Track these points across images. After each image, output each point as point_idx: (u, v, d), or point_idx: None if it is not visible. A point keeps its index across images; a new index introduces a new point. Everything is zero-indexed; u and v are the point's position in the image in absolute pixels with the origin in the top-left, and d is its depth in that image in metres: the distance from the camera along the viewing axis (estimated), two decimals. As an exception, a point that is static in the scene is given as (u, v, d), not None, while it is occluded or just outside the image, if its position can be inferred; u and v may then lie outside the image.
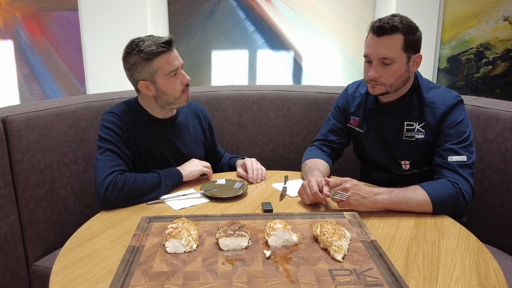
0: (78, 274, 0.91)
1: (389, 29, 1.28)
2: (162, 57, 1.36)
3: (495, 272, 0.92)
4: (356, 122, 1.55)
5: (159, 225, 1.12)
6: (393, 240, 1.06)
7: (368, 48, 1.35)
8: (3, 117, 1.39)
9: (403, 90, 1.41)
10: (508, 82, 2.58)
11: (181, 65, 1.42)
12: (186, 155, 1.56)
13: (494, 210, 1.58)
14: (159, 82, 1.39)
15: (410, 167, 1.46)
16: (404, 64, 1.32)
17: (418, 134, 1.40)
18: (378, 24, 1.30)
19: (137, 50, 1.35)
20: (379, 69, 1.33)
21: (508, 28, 2.50)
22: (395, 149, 1.45)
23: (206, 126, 1.69)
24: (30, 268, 1.49)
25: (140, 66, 1.37)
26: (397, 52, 1.30)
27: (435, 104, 1.37)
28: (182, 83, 1.42)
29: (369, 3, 2.70)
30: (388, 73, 1.32)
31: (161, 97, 1.42)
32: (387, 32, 1.29)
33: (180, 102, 1.45)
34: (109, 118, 1.42)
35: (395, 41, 1.29)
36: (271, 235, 1.00)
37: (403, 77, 1.35)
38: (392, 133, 1.45)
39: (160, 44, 1.34)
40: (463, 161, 1.30)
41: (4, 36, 2.75)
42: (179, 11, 2.82)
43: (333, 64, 2.85)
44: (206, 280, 0.86)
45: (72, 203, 1.62)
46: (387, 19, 1.30)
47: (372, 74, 1.34)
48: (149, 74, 1.38)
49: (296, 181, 1.50)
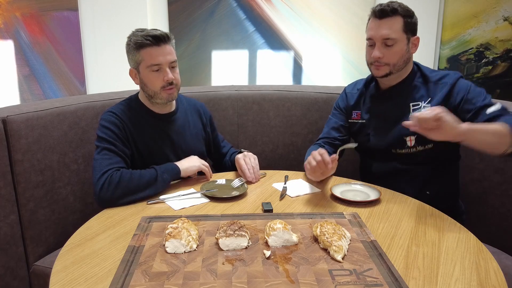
0: (78, 274, 0.91)
1: (390, 11, 1.39)
2: (147, 50, 1.39)
3: (495, 272, 0.92)
4: (359, 115, 1.60)
5: (159, 225, 1.12)
6: (393, 240, 1.06)
7: (370, 31, 1.44)
8: (3, 117, 1.39)
9: (404, 73, 1.48)
10: (508, 82, 2.58)
11: (167, 62, 1.41)
12: (186, 150, 1.56)
13: (494, 210, 1.59)
14: (142, 73, 1.44)
15: (415, 142, 1.46)
16: (405, 44, 1.42)
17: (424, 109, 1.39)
18: (379, 8, 1.40)
19: (131, 37, 1.42)
20: (382, 50, 1.42)
21: (508, 28, 2.50)
22: (400, 127, 1.44)
23: (206, 121, 1.70)
24: (30, 268, 1.49)
25: (131, 53, 1.43)
26: (398, 33, 1.40)
27: (442, 80, 1.45)
28: (164, 80, 1.41)
29: (369, 3, 2.70)
30: (391, 53, 1.41)
31: (144, 88, 1.47)
32: (388, 14, 1.39)
33: (160, 98, 1.45)
34: (107, 117, 1.44)
35: (395, 23, 1.40)
36: (271, 235, 1.00)
37: (405, 57, 1.44)
38: (396, 116, 1.47)
39: (146, 37, 1.37)
40: (498, 108, 1.33)
41: (4, 36, 2.75)
42: (179, 11, 2.82)
43: (333, 64, 2.85)
44: (206, 280, 0.86)
45: (72, 203, 1.62)
46: (387, 3, 1.41)
47: (376, 54, 1.42)
48: (135, 63, 1.44)
49: (296, 181, 1.50)
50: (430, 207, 1.28)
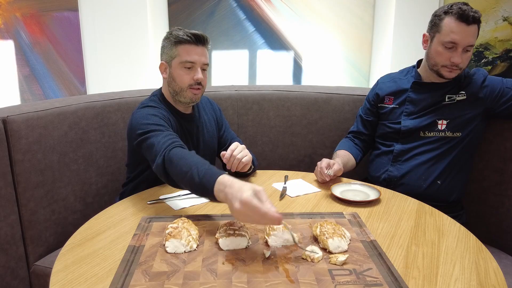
0: (78, 274, 0.91)
1: (478, 19, 1.43)
2: (185, 46, 1.43)
3: (494, 272, 0.92)
4: (391, 100, 1.65)
5: (159, 225, 1.12)
6: (393, 240, 1.06)
7: (456, 35, 1.43)
8: (3, 117, 1.40)
9: None
10: (508, 82, 2.58)
11: (201, 63, 1.46)
12: (204, 149, 1.60)
13: (494, 210, 1.59)
14: (173, 68, 1.46)
15: (446, 127, 1.52)
16: (473, 49, 1.48)
17: (459, 97, 1.52)
18: (468, 13, 1.41)
19: (172, 32, 1.45)
20: (462, 56, 1.46)
21: (508, 28, 2.50)
22: (433, 112, 1.54)
23: (219, 118, 1.73)
24: (31, 268, 1.49)
25: (167, 48, 1.46)
26: (475, 40, 1.46)
27: (474, 76, 1.53)
28: (193, 78, 1.45)
29: (369, 4, 2.71)
30: (466, 58, 1.47)
31: (171, 83, 1.48)
32: (475, 21, 1.42)
33: (184, 96, 1.47)
34: (145, 110, 1.40)
35: (476, 30, 1.44)
36: (271, 235, 1.00)
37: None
38: (431, 104, 1.55)
39: (188, 34, 1.42)
40: None
41: (5, 36, 2.76)
42: (179, 11, 2.82)
43: (333, 64, 2.85)
44: (206, 280, 0.86)
45: (73, 203, 1.62)
46: (469, 9, 1.42)
47: (457, 60, 1.45)
48: (169, 57, 1.46)
49: (296, 181, 1.50)
50: (430, 207, 1.28)
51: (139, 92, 1.91)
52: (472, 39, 1.44)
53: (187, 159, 1.15)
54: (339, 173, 1.48)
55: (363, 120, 1.75)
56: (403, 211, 1.25)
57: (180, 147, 1.24)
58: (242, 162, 1.38)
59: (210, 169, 1.08)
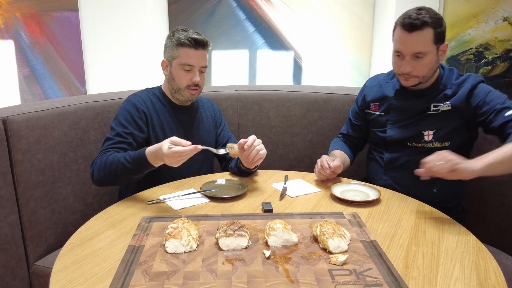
0: (78, 274, 0.91)
1: (420, 24, 1.33)
2: (185, 49, 1.48)
3: (494, 272, 0.92)
4: (377, 106, 1.61)
5: (159, 225, 1.12)
6: (393, 240, 1.06)
7: (400, 45, 1.39)
8: (3, 117, 1.40)
9: (432, 79, 1.47)
10: (508, 82, 2.58)
11: (199, 66, 1.52)
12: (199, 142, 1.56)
13: (494, 210, 1.59)
14: (173, 67, 1.52)
15: (433, 138, 1.47)
16: (434, 55, 1.39)
17: (443, 107, 1.45)
18: (408, 21, 1.34)
19: (174, 33, 1.51)
20: (412, 63, 1.39)
21: (508, 29, 2.50)
22: (419, 123, 1.49)
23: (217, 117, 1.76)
24: (31, 268, 1.49)
25: (169, 47, 1.52)
26: (429, 46, 1.36)
27: (463, 83, 1.44)
28: (191, 80, 1.51)
29: (368, 4, 2.71)
30: (421, 66, 1.39)
31: (170, 81, 1.56)
32: (418, 28, 1.34)
33: (182, 95, 1.55)
34: (130, 99, 1.54)
35: (426, 36, 1.35)
36: (271, 235, 1.00)
37: (434, 67, 1.43)
38: (417, 113, 1.49)
39: (188, 38, 1.47)
40: None
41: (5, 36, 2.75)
42: (179, 11, 2.82)
43: (333, 65, 2.85)
44: (206, 280, 0.86)
45: (73, 203, 1.62)
46: (416, 15, 1.34)
47: (406, 69, 1.40)
48: (170, 56, 1.52)
49: (296, 181, 1.50)
50: (429, 207, 1.28)
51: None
52: (416, 46, 1.35)
53: (107, 163, 1.35)
54: (338, 170, 1.47)
55: (352, 124, 1.73)
56: (403, 211, 1.25)
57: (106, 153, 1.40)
58: (260, 154, 1.42)
59: (132, 153, 1.33)
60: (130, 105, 1.52)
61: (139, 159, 1.30)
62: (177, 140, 1.22)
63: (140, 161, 1.30)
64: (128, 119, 1.49)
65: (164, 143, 1.22)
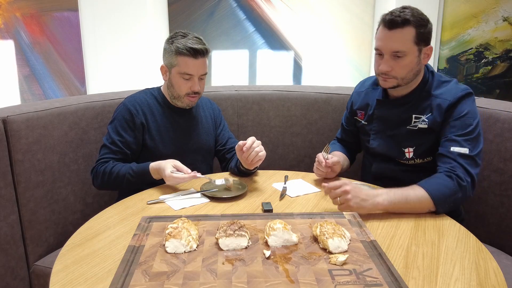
0: (78, 274, 0.91)
1: (401, 22, 1.29)
2: (184, 58, 1.47)
3: (494, 272, 0.92)
4: (362, 115, 1.58)
5: (159, 225, 1.12)
6: (393, 240, 1.06)
7: (379, 42, 1.35)
8: (3, 117, 1.40)
9: (414, 84, 1.41)
10: (508, 82, 2.58)
11: (199, 75, 1.50)
12: (197, 143, 1.64)
13: (494, 210, 1.59)
14: (173, 75, 1.52)
15: (413, 155, 1.44)
16: (415, 57, 1.33)
17: (421, 124, 1.39)
18: (389, 17, 1.30)
19: (173, 40, 1.49)
20: (390, 63, 1.34)
21: (508, 29, 2.50)
22: (399, 137, 1.45)
23: (216, 117, 1.75)
24: (31, 268, 1.49)
25: (168, 53, 1.51)
26: (409, 45, 1.31)
27: (443, 95, 1.37)
28: (190, 89, 1.51)
29: (368, 4, 2.71)
30: (400, 66, 1.33)
31: (170, 87, 1.55)
32: (399, 25, 1.29)
33: (181, 102, 1.56)
34: (125, 103, 1.54)
35: (406, 34, 1.30)
36: (271, 235, 1.00)
37: (415, 69, 1.35)
38: (398, 124, 1.45)
39: (187, 48, 1.45)
40: (465, 153, 1.28)
41: (5, 36, 2.75)
42: (179, 11, 2.82)
43: (333, 64, 2.85)
44: (206, 280, 0.86)
45: (73, 203, 1.62)
46: (399, 12, 1.30)
47: (383, 68, 1.35)
48: (169, 63, 1.51)
49: (296, 181, 1.50)
50: (429, 207, 1.28)
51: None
52: (396, 44, 1.30)
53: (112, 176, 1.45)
54: (337, 168, 1.47)
55: (345, 129, 1.72)
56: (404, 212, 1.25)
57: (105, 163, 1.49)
58: (259, 156, 1.42)
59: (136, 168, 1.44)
60: (125, 111, 1.52)
61: (142, 175, 1.43)
62: (179, 166, 1.37)
63: (143, 176, 1.43)
64: (123, 126, 1.51)
65: (167, 165, 1.37)
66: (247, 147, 1.40)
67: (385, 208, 1.20)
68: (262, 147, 1.45)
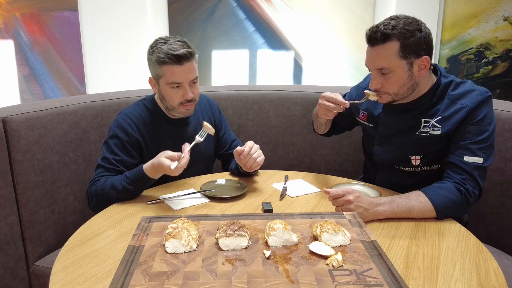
0: (78, 274, 0.91)
1: (381, 38, 1.21)
2: (168, 67, 1.36)
3: (495, 272, 0.92)
4: (365, 116, 1.49)
5: (159, 225, 1.12)
6: (393, 240, 1.06)
7: (366, 59, 1.29)
8: (3, 117, 1.39)
9: (420, 92, 1.32)
10: (508, 82, 2.58)
11: (188, 80, 1.39)
12: (197, 153, 1.55)
13: (494, 210, 1.59)
14: (161, 87, 1.43)
15: (420, 163, 1.37)
16: (405, 71, 1.24)
17: (433, 130, 1.30)
18: (369, 33, 1.23)
19: (154, 49, 1.39)
20: (379, 79, 1.27)
21: (508, 28, 2.50)
22: (406, 145, 1.37)
23: (216, 120, 1.68)
24: (30, 268, 1.49)
25: (152, 65, 1.42)
26: (394, 61, 1.22)
27: (461, 101, 1.27)
28: (183, 97, 1.41)
29: (369, 3, 2.71)
30: (389, 83, 1.26)
31: (162, 100, 1.47)
32: (379, 42, 1.21)
33: (178, 112, 1.46)
34: (120, 121, 1.45)
35: (389, 50, 1.21)
36: (271, 235, 1.00)
37: (408, 84, 1.26)
38: (406, 130, 1.36)
39: (169, 55, 1.34)
40: (479, 163, 1.23)
41: (4, 36, 2.75)
42: (179, 11, 2.82)
43: (333, 64, 2.85)
44: (206, 280, 0.86)
45: (72, 203, 1.62)
46: (380, 26, 1.22)
47: (373, 86, 1.29)
48: (156, 75, 1.42)
49: (296, 181, 1.50)
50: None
51: (138, 92, 1.91)
52: (378, 62, 1.23)
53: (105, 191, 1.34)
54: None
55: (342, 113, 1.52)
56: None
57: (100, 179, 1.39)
58: (257, 162, 1.41)
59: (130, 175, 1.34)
60: (119, 129, 1.43)
61: (140, 180, 1.33)
62: (172, 155, 1.28)
63: (142, 180, 1.33)
64: (118, 145, 1.42)
65: (164, 161, 1.26)
66: (243, 155, 1.39)
67: (386, 217, 1.19)
68: (260, 152, 1.44)
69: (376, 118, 1.45)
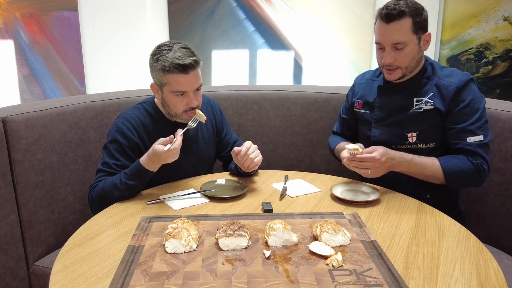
0: (78, 274, 0.91)
1: (397, 14, 1.34)
2: (173, 76, 1.35)
3: (495, 272, 0.92)
4: (360, 104, 1.60)
5: (159, 225, 1.12)
6: (393, 240, 1.06)
7: (379, 36, 1.40)
8: (3, 117, 1.39)
9: (416, 70, 1.46)
10: (508, 82, 2.58)
11: (193, 89, 1.39)
12: (198, 155, 1.57)
13: (494, 210, 1.59)
14: (165, 94, 1.41)
15: (417, 139, 1.46)
16: (415, 45, 1.39)
17: (426, 105, 1.43)
18: (385, 11, 1.35)
19: (158, 56, 1.36)
20: (393, 54, 1.38)
21: (508, 28, 2.50)
22: (402, 123, 1.47)
23: (217, 121, 1.67)
24: (30, 268, 1.49)
25: (155, 72, 1.39)
26: (408, 35, 1.36)
27: (448, 78, 1.42)
28: (187, 105, 1.40)
29: (369, 3, 2.70)
30: (402, 56, 1.38)
31: (165, 106, 1.46)
32: (396, 18, 1.34)
33: (180, 118, 1.46)
34: (120, 125, 1.44)
35: (404, 25, 1.35)
36: (271, 235, 1.00)
37: (417, 57, 1.41)
38: (399, 109, 1.48)
39: (176, 65, 1.33)
40: (480, 140, 1.36)
41: (4, 36, 2.75)
42: (179, 11, 2.82)
43: (333, 64, 2.85)
44: (206, 280, 0.86)
45: (72, 203, 1.62)
46: (394, 5, 1.35)
47: (387, 60, 1.39)
48: (159, 81, 1.40)
49: (296, 181, 1.50)
50: (430, 207, 1.28)
51: (139, 92, 1.91)
52: (395, 36, 1.35)
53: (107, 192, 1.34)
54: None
55: (344, 122, 1.72)
56: (403, 211, 1.25)
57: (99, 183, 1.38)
58: (254, 162, 1.42)
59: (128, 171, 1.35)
60: (119, 133, 1.42)
61: (139, 174, 1.34)
62: (164, 139, 1.31)
63: (140, 174, 1.34)
64: (118, 150, 1.42)
65: (156, 146, 1.30)
66: (241, 155, 1.40)
67: (401, 170, 1.39)
68: (258, 152, 1.44)
69: (371, 104, 1.56)
